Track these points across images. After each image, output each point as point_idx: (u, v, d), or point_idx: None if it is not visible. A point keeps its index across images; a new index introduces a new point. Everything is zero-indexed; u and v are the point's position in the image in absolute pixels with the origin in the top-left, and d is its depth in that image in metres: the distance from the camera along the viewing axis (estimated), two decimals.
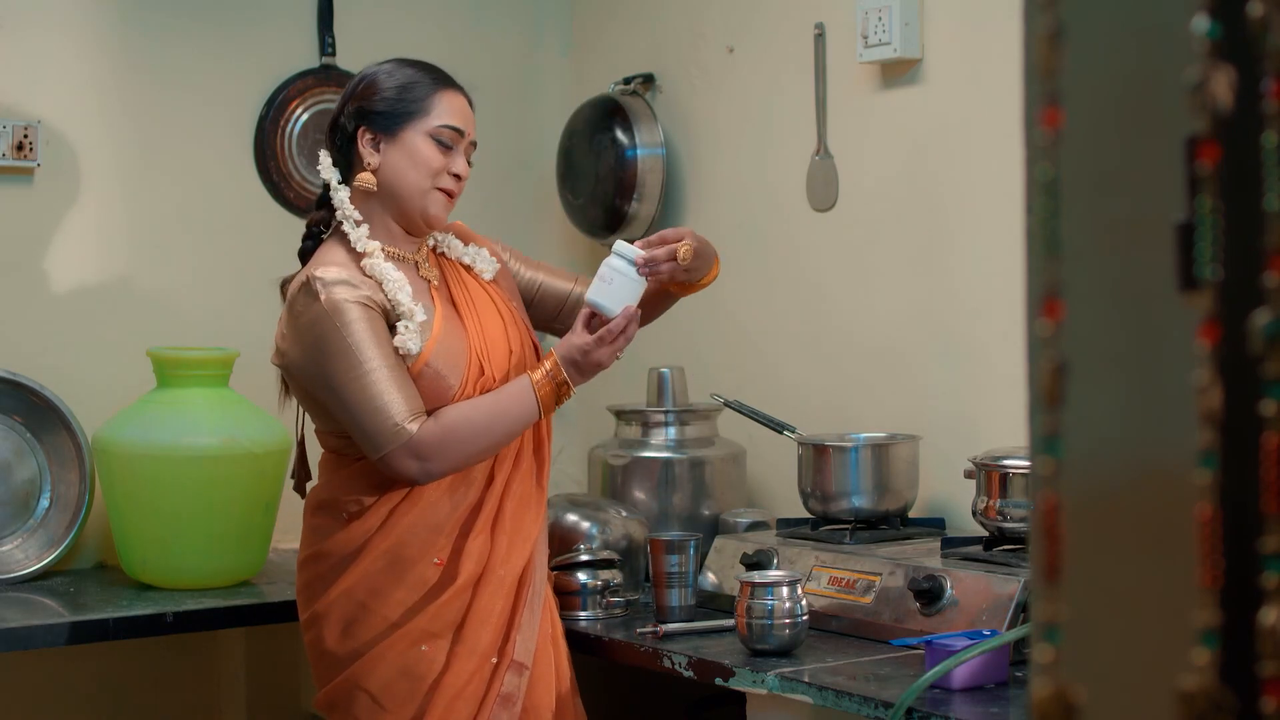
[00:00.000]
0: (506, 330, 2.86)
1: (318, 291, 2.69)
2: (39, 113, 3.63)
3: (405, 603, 2.74)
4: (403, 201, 2.79)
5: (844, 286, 3.54)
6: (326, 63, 3.94)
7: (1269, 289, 1.00)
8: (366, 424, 2.68)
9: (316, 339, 2.70)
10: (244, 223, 3.88)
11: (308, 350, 2.72)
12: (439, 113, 2.80)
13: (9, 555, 3.49)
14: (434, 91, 2.80)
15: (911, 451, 3.23)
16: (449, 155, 2.80)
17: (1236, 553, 1.01)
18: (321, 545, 2.81)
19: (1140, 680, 1.07)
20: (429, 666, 2.73)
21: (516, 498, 2.82)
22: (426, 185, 2.79)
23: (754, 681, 2.67)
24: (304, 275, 2.75)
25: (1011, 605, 2.68)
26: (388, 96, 2.79)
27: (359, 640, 2.75)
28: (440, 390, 2.73)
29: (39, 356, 3.61)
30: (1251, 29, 1.01)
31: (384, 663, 2.73)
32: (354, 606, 2.76)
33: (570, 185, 4.00)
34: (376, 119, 2.79)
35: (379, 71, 2.84)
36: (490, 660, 2.75)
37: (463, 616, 2.75)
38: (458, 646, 2.74)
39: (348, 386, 2.68)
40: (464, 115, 2.83)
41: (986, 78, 3.23)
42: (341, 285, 2.70)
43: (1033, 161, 1.11)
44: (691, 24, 3.88)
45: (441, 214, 2.82)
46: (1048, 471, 1.10)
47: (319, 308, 2.69)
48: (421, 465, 2.70)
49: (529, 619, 2.80)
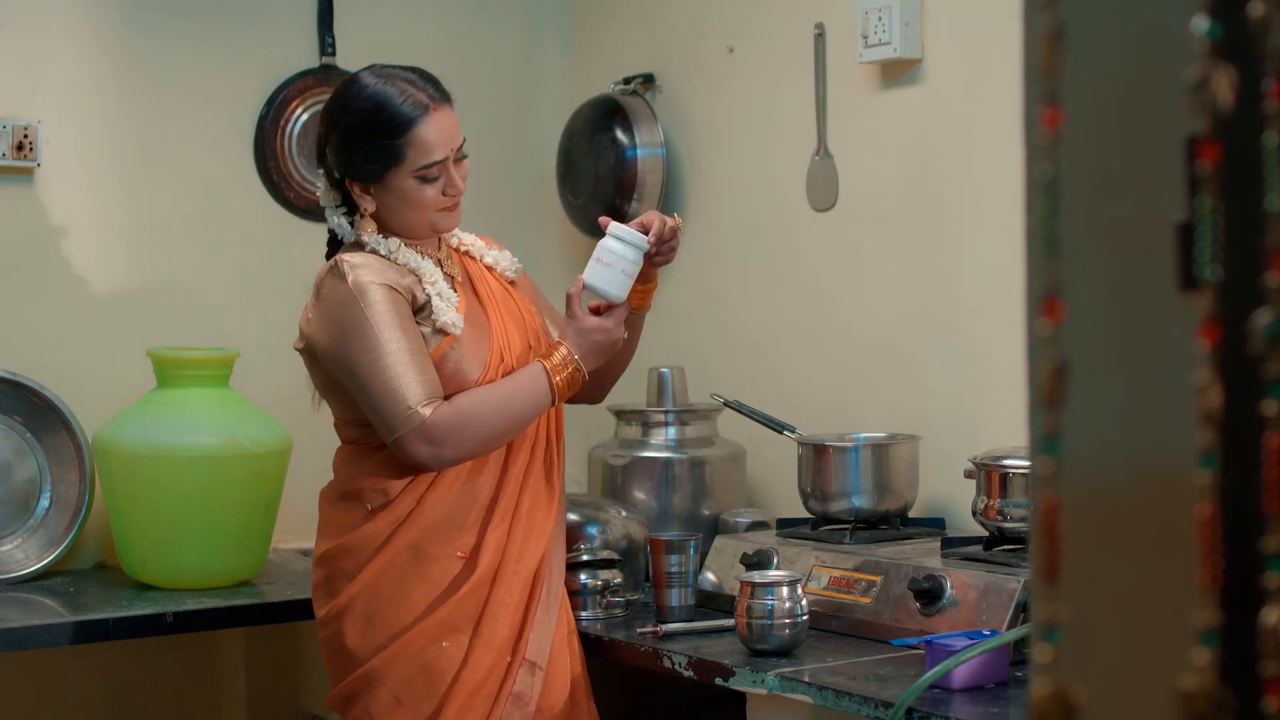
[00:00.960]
0: (525, 330, 2.87)
1: (345, 273, 2.72)
2: (39, 113, 3.63)
3: (427, 597, 2.74)
4: (409, 230, 2.81)
5: (844, 286, 3.54)
6: (326, 63, 3.94)
7: (1269, 289, 1.00)
8: (382, 406, 2.69)
9: (340, 319, 2.72)
10: (244, 223, 3.88)
11: (331, 330, 2.73)
12: (416, 153, 2.74)
13: (9, 555, 3.49)
14: (410, 130, 2.74)
15: (911, 451, 3.23)
16: (437, 183, 2.78)
17: (1236, 553, 1.01)
18: (344, 539, 2.80)
19: (1140, 680, 1.07)
20: (449, 662, 2.72)
21: (531, 493, 2.84)
22: (425, 216, 2.79)
23: (754, 681, 2.67)
24: (333, 259, 2.78)
25: (1011, 605, 2.68)
26: (362, 146, 2.75)
27: (381, 635, 2.74)
28: (460, 379, 2.75)
29: (39, 356, 3.61)
30: (1251, 29, 1.01)
31: (404, 658, 2.73)
32: (376, 601, 2.75)
33: (570, 185, 4.00)
34: (358, 171, 2.77)
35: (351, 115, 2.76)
36: (505, 657, 2.76)
37: (480, 610, 2.75)
38: (475, 641, 2.74)
39: (366, 368, 2.69)
40: (443, 139, 2.77)
41: (986, 78, 3.23)
42: (368, 268, 2.73)
43: (1033, 161, 1.11)
44: (691, 24, 3.88)
45: (451, 224, 2.84)
46: (1048, 471, 1.10)
47: (345, 289, 2.71)
48: (433, 450, 2.70)
49: (543, 618, 2.80)
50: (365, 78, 2.79)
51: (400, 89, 2.76)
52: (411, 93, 2.76)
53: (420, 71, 2.82)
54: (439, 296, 2.76)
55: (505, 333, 2.83)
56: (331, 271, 2.75)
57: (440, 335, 2.75)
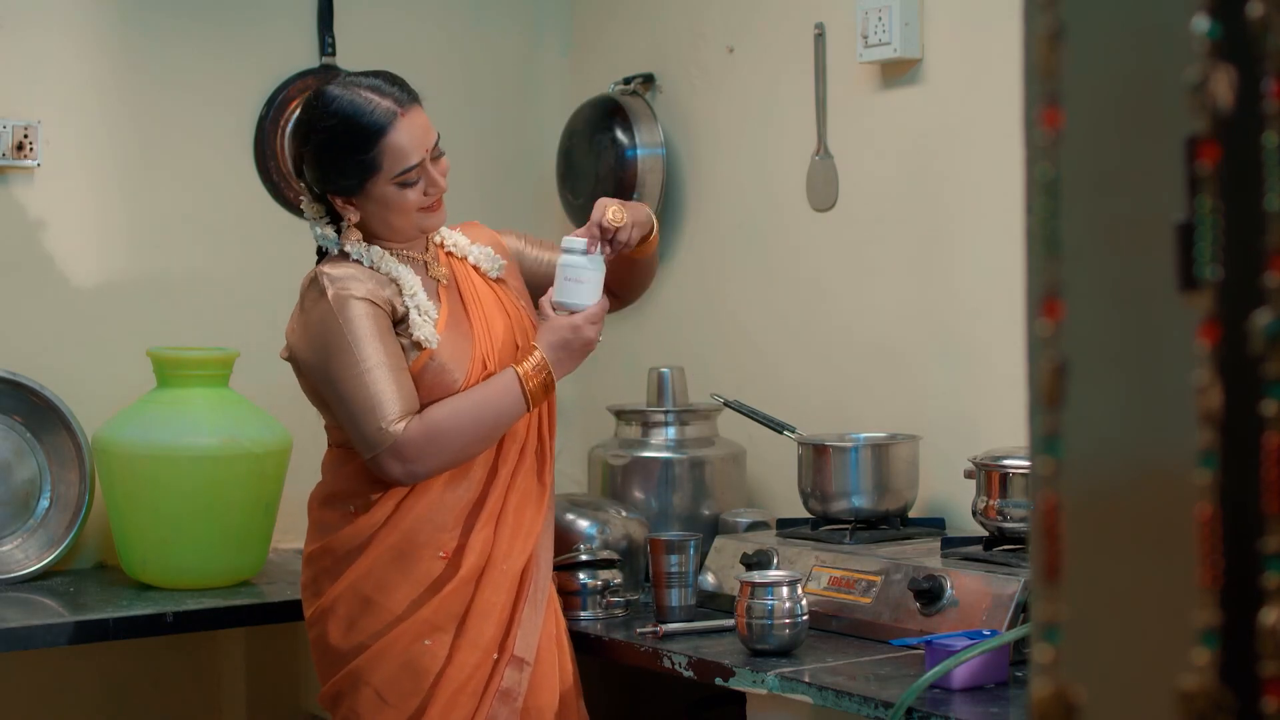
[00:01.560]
0: (513, 328, 2.87)
1: (325, 287, 2.72)
2: (39, 113, 3.63)
3: (409, 596, 2.75)
4: (395, 234, 2.81)
5: (844, 286, 3.54)
6: (326, 63, 3.94)
7: (1269, 289, 1.00)
8: (356, 424, 2.70)
9: (321, 334, 2.72)
10: (244, 223, 3.88)
11: (312, 344, 2.74)
12: (391, 161, 2.72)
13: (9, 555, 3.49)
14: (381, 137, 2.71)
15: (911, 451, 3.23)
16: (418, 185, 2.76)
17: (1236, 553, 1.01)
18: (327, 540, 2.81)
19: (1140, 680, 1.07)
20: (432, 661, 2.73)
21: (520, 492, 2.83)
22: (409, 219, 2.79)
23: (754, 681, 2.67)
24: (314, 271, 2.78)
25: (1011, 605, 2.67)
26: (337, 161, 2.73)
27: (363, 635, 2.76)
28: (444, 385, 2.75)
29: (39, 356, 3.61)
30: (1251, 29, 1.01)
31: (388, 657, 2.74)
32: (359, 601, 2.77)
33: (570, 185, 4.00)
34: (338, 185, 2.76)
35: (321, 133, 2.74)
36: (492, 655, 2.76)
37: (465, 609, 2.76)
38: (460, 640, 2.75)
39: (342, 384, 2.70)
40: (416, 141, 2.74)
41: (986, 78, 3.23)
42: (348, 280, 2.73)
43: (1033, 161, 1.11)
44: (691, 24, 3.88)
45: (437, 224, 2.84)
46: (1048, 471, 1.10)
47: (325, 304, 2.71)
48: (405, 468, 2.71)
49: (531, 615, 2.80)
50: (331, 91, 2.76)
51: (366, 99, 2.73)
52: (378, 101, 2.73)
53: (386, 75, 2.79)
54: (417, 310, 2.75)
55: (489, 336, 2.82)
56: (313, 285, 2.75)
57: (418, 349, 2.75)
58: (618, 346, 3.98)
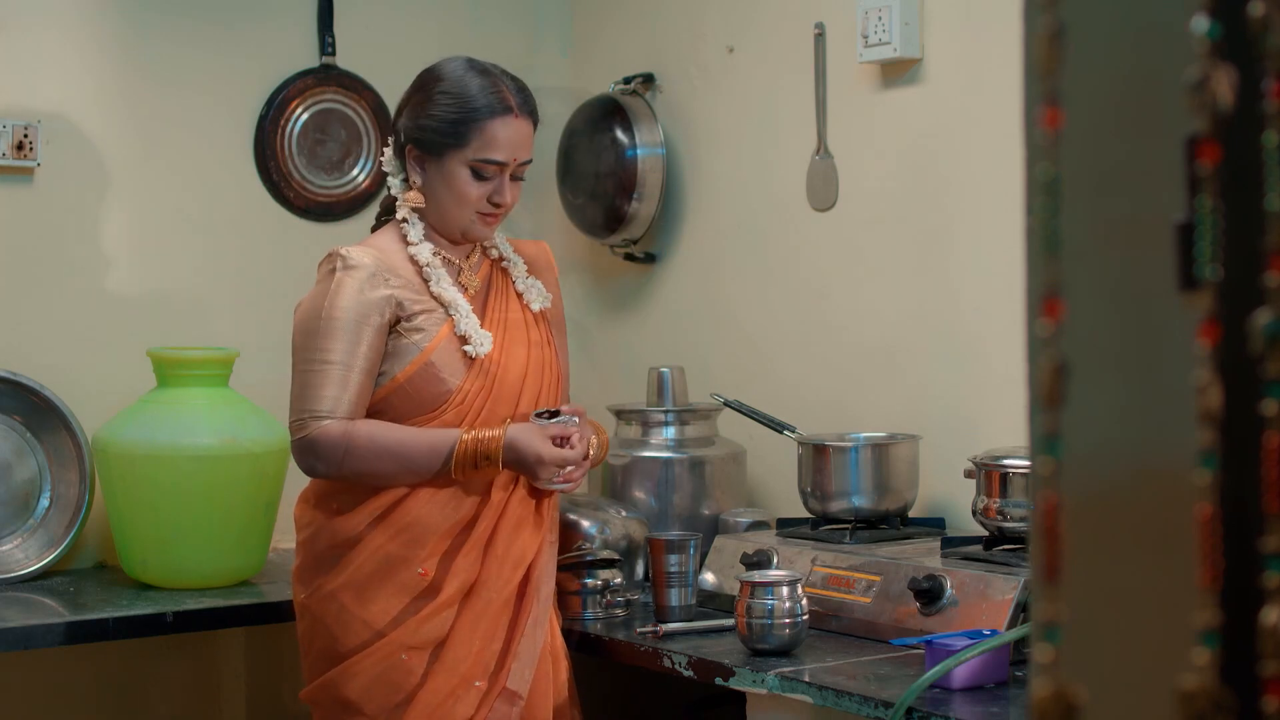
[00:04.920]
0: (529, 354, 2.84)
1: (335, 267, 2.75)
2: (39, 113, 3.63)
3: (389, 612, 2.73)
4: (444, 222, 2.82)
5: (844, 286, 3.54)
6: (326, 62, 3.94)
7: (1269, 289, 1.00)
8: (293, 403, 2.75)
9: (311, 310, 2.76)
10: (244, 223, 3.88)
11: (303, 315, 2.78)
12: (480, 144, 2.76)
13: (9, 555, 3.49)
14: (484, 120, 2.76)
15: (911, 451, 3.23)
16: (488, 184, 2.78)
17: (1236, 553, 1.01)
18: (308, 534, 2.82)
19: (1140, 680, 1.07)
20: (406, 677, 2.72)
21: (512, 521, 2.80)
22: (464, 213, 2.79)
23: (754, 681, 2.67)
24: (334, 250, 2.80)
25: (1011, 605, 2.68)
26: (436, 117, 2.77)
27: (343, 646, 2.75)
28: (436, 388, 2.74)
29: (39, 356, 3.61)
30: (1251, 29, 1.01)
31: (364, 671, 2.73)
32: (339, 610, 2.76)
33: (570, 185, 4.00)
34: (422, 139, 2.79)
35: (438, 86, 2.79)
36: (473, 684, 2.73)
37: (445, 635, 2.73)
38: (435, 664, 2.73)
39: (302, 364, 2.75)
40: (511, 144, 2.78)
41: (986, 78, 3.23)
42: (359, 269, 2.74)
43: (1033, 161, 1.11)
44: (691, 24, 3.88)
45: (482, 235, 2.85)
46: (1048, 471, 1.10)
47: (327, 284, 2.75)
48: (307, 461, 2.75)
49: (528, 648, 2.77)
50: (474, 63, 2.83)
51: (495, 84, 2.80)
52: (504, 94, 2.80)
53: (520, 82, 2.86)
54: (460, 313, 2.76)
55: (502, 352, 2.80)
56: (328, 259, 2.79)
57: (417, 349, 2.74)
58: (618, 346, 3.98)
